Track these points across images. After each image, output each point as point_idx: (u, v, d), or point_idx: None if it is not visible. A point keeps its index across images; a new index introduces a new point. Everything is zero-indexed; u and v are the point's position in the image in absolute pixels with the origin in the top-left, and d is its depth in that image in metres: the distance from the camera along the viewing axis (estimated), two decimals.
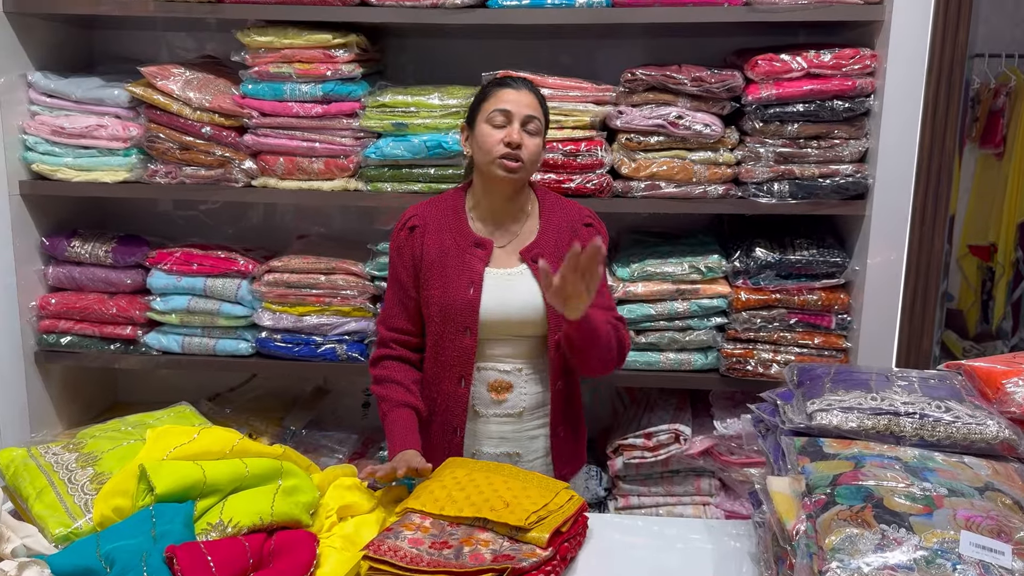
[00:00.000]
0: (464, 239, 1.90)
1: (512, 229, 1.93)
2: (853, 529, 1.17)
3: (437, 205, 1.96)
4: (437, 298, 1.89)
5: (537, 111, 1.87)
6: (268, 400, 2.79)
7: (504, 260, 1.91)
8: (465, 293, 1.87)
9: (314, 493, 1.58)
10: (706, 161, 2.33)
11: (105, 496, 1.47)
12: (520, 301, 1.88)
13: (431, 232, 1.91)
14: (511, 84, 1.88)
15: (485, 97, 1.88)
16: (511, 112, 1.83)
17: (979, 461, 1.36)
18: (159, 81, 2.38)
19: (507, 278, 1.90)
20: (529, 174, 1.90)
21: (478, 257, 1.89)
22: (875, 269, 2.30)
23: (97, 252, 2.54)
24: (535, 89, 1.91)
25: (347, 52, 2.35)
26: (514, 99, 1.85)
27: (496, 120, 1.83)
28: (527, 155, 1.84)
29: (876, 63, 2.25)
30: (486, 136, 1.84)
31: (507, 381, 1.92)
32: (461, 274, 1.88)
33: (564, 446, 2.00)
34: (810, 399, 1.50)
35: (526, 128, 1.84)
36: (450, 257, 1.89)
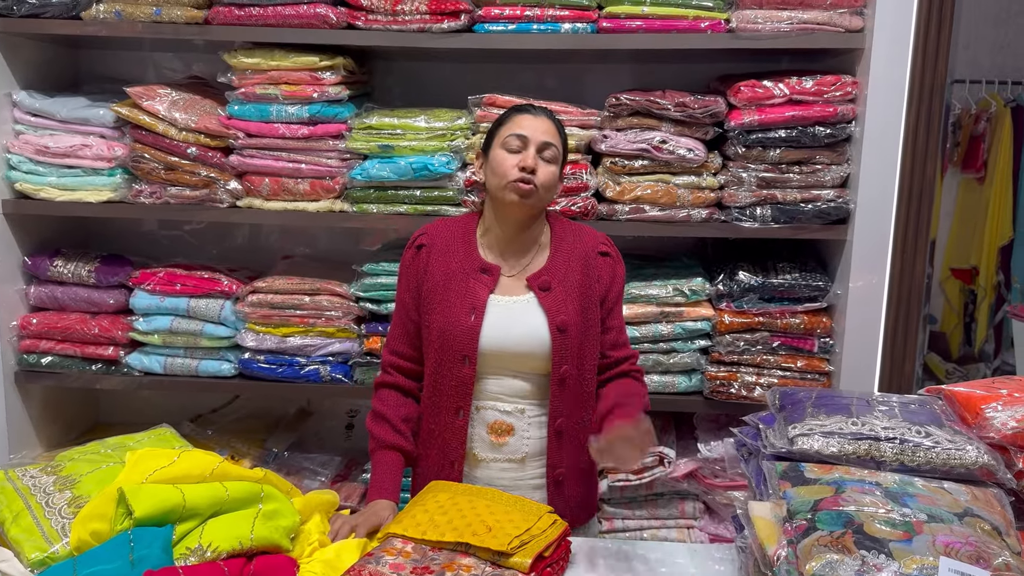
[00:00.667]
0: (470, 264, 1.83)
1: (523, 258, 1.85)
2: (833, 555, 1.17)
3: (449, 226, 1.89)
4: (437, 323, 1.81)
5: (555, 138, 1.81)
6: (251, 421, 2.77)
7: (511, 288, 1.83)
8: (466, 319, 1.78)
9: (295, 517, 1.56)
10: (690, 185, 2.35)
11: (83, 520, 1.45)
12: (523, 331, 1.79)
13: (438, 253, 1.84)
14: (530, 111, 1.83)
15: (502, 123, 1.83)
16: (527, 137, 1.77)
17: (958, 487, 1.36)
18: (145, 101, 2.38)
19: (511, 306, 1.81)
20: (543, 203, 1.82)
21: (483, 283, 1.81)
22: (857, 293, 2.31)
23: (80, 272, 2.53)
24: (554, 117, 1.85)
25: (334, 74, 2.36)
26: (531, 125, 1.79)
27: (512, 144, 1.78)
28: (541, 181, 1.77)
29: (857, 90, 2.28)
30: (500, 161, 1.78)
31: (507, 423, 1.82)
32: (463, 300, 1.80)
33: (568, 495, 1.85)
34: (792, 423, 1.51)
35: (542, 155, 1.78)
36: (454, 281, 1.81)
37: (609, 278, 1.86)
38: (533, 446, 1.83)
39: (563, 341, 1.78)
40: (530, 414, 1.82)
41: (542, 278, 1.82)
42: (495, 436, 1.82)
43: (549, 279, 1.81)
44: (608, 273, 1.86)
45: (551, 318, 1.78)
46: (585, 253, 1.85)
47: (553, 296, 1.80)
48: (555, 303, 1.80)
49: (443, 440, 1.84)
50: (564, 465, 1.85)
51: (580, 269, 1.83)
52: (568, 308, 1.80)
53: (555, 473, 1.84)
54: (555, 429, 1.82)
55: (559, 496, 1.84)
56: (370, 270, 2.45)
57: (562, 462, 1.84)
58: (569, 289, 1.81)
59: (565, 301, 1.80)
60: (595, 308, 1.84)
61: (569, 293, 1.81)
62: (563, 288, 1.81)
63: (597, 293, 1.84)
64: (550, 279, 1.81)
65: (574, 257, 1.84)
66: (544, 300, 1.80)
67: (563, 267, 1.83)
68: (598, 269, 1.85)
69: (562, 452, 1.84)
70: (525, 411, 1.82)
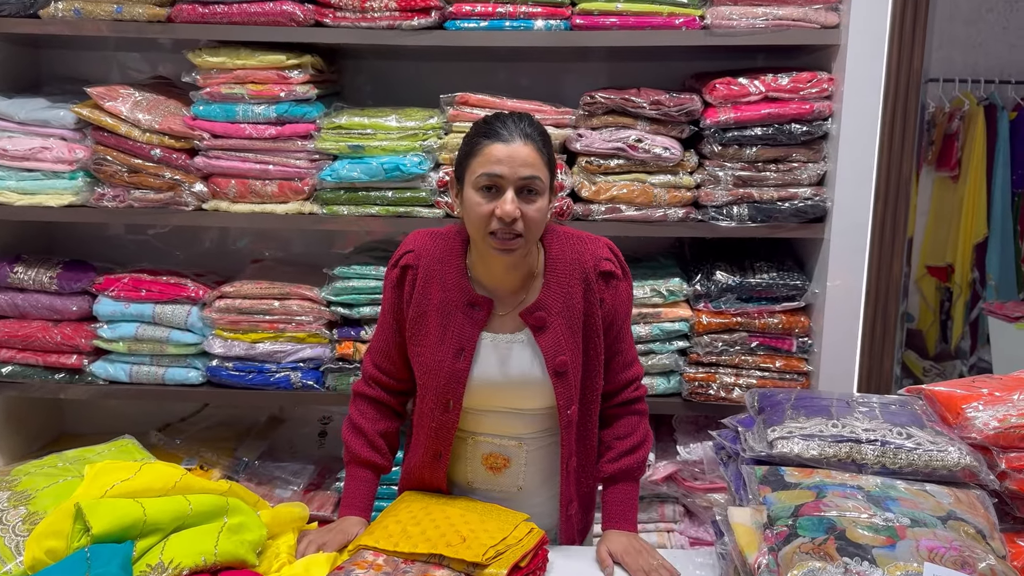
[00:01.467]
0: (459, 295, 1.61)
1: (515, 288, 1.63)
2: (815, 563, 1.14)
3: (437, 245, 1.64)
4: (423, 359, 1.63)
5: (537, 166, 1.50)
6: (220, 430, 2.71)
7: (504, 324, 1.63)
8: (453, 361, 1.60)
9: (262, 531, 1.51)
10: (666, 184, 2.32)
11: (38, 537, 1.39)
12: (516, 373, 1.61)
13: (424, 278, 1.62)
14: (501, 135, 1.50)
15: (472, 152, 1.53)
16: (503, 176, 1.48)
17: (941, 489, 1.34)
18: (107, 102, 2.31)
19: (505, 346, 1.62)
20: (533, 242, 1.57)
21: (473, 319, 1.60)
22: (835, 292, 2.29)
23: (41, 278, 2.45)
24: (534, 134, 1.52)
25: (302, 73, 2.30)
26: (506, 157, 1.48)
27: (483, 183, 1.49)
28: (527, 227, 1.50)
29: (833, 86, 2.26)
30: (474, 207, 1.51)
31: (504, 456, 1.69)
32: (452, 337, 1.60)
33: (575, 521, 1.76)
34: (771, 426, 1.48)
35: (522, 192, 1.50)
36: (441, 315, 1.61)
37: (612, 302, 1.64)
38: (532, 478, 1.72)
39: (564, 383, 1.62)
40: (528, 447, 1.70)
41: (536, 314, 1.60)
42: (492, 471, 1.71)
43: (544, 316, 1.60)
44: (611, 296, 1.63)
45: (548, 360, 1.60)
46: (585, 274, 1.61)
47: (551, 335, 1.60)
48: (552, 343, 1.60)
49: (424, 480, 1.75)
50: (575, 499, 1.74)
51: (580, 295, 1.61)
52: (566, 346, 1.61)
53: (568, 508, 1.73)
54: (567, 468, 1.69)
55: (568, 527, 1.75)
56: (341, 273, 2.40)
57: (574, 495, 1.73)
58: (569, 321, 1.61)
59: (562, 339, 1.60)
60: (598, 339, 1.64)
61: (568, 327, 1.61)
62: (562, 322, 1.60)
63: (600, 321, 1.63)
64: (545, 316, 1.60)
65: (573, 281, 1.61)
66: (540, 340, 1.60)
67: (561, 298, 1.60)
68: (598, 292, 1.62)
69: (571, 486, 1.72)
70: (523, 444, 1.70)
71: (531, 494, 1.74)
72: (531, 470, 1.72)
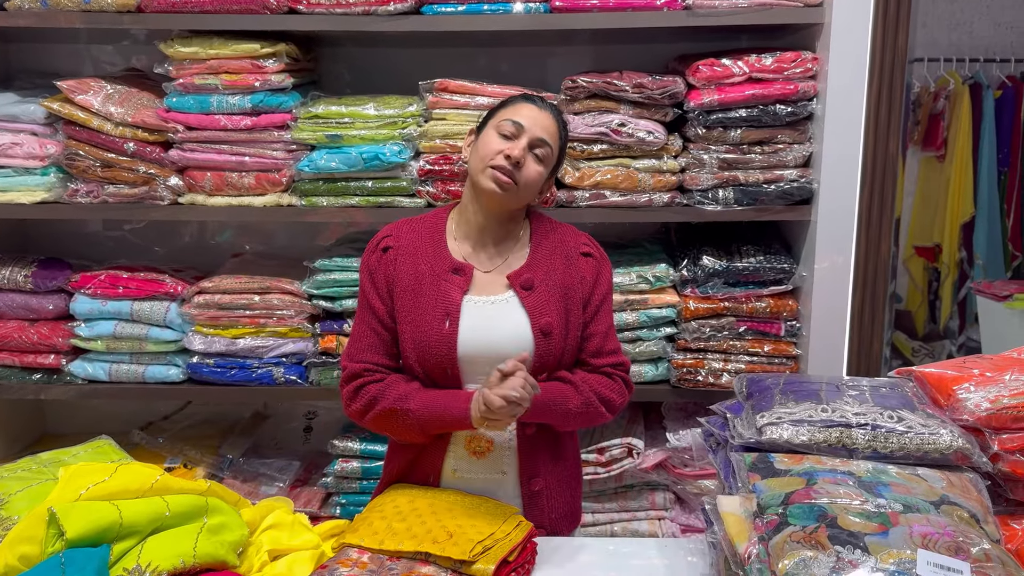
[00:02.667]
0: (441, 264, 1.68)
1: (498, 252, 1.71)
2: (807, 552, 1.11)
3: (415, 225, 1.74)
4: (410, 334, 1.65)
5: (552, 138, 1.67)
6: (204, 427, 2.67)
7: (487, 287, 1.68)
8: (440, 327, 1.63)
9: (243, 531, 1.47)
10: (650, 169, 2.28)
11: (10, 543, 1.35)
12: (503, 333, 1.64)
13: (405, 255, 1.69)
14: (536, 102, 1.69)
15: (504, 105, 1.70)
16: (524, 126, 1.64)
17: (933, 473, 1.32)
18: (78, 96, 2.26)
19: (489, 307, 1.67)
20: (519, 202, 1.69)
21: (455, 285, 1.66)
22: (823, 274, 2.27)
23: (15, 277, 2.40)
24: (559, 116, 1.72)
25: (276, 62, 2.25)
26: (532, 115, 1.66)
27: (505, 129, 1.64)
28: (523, 178, 1.63)
29: (818, 66, 2.23)
30: (488, 142, 1.64)
31: (487, 439, 1.69)
32: (436, 304, 1.64)
33: (547, 504, 1.73)
34: (760, 412, 1.45)
35: (533, 151, 1.64)
36: (424, 285, 1.66)
37: (593, 279, 1.72)
38: (514, 462, 1.70)
39: (546, 346, 1.65)
40: (510, 428, 1.68)
41: (524, 276, 1.68)
42: (475, 455, 1.69)
43: (532, 277, 1.68)
44: (592, 274, 1.72)
45: (534, 320, 1.65)
46: (567, 252, 1.72)
47: (536, 296, 1.67)
48: (538, 303, 1.66)
49: (419, 463, 1.71)
50: (540, 475, 1.71)
51: (562, 268, 1.70)
52: (551, 309, 1.66)
53: (530, 483, 1.71)
54: (523, 435, 1.69)
55: (536, 508, 1.72)
56: (322, 266, 2.36)
57: (538, 471, 1.71)
58: (552, 289, 1.68)
59: (548, 302, 1.67)
60: (577, 311, 1.70)
61: (552, 293, 1.67)
62: (546, 288, 1.68)
63: (580, 295, 1.70)
64: (532, 277, 1.68)
65: (556, 255, 1.71)
66: (526, 300, 1.66)
67: (545, 265, 1.70)
68: (581, 269, 1.71)
69: (537, 462, 1.71)
70: None
71: (503, 472, 1.71)
72: (513, 453, 1.70)
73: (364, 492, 2.43)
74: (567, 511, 1.79)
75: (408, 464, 1.73)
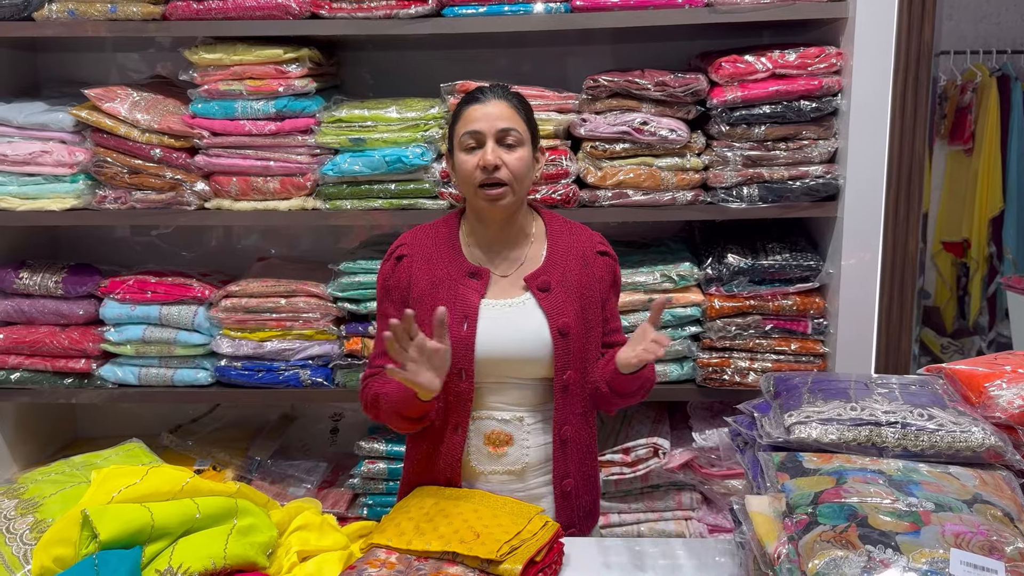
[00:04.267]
0: (457, 269, 1.70)
1: (513, 255, 1.73)
2: (837, 551, 1.10)
3: (429, 232, 1.76)
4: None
5: (513, 120, 1.65)
6: (232, 430, 2.69)
7: (504, 289, 1.70)
8: (457, 330, 1.65)
9: (272, 532, 1.49)
10: (673, 167, 2.27)
11: (45, 545, 1.38)
12: (522, 335, 1.66)
13: (420, 261, 1.71)
14: (479, 99, 1.67)
15: (455, 120, 1.69)
16: (481, 131, 1.63)
17: (965, 471, 1.30)
18: (105, 103, 2.29)
19: (507, 310, 1.68)
20: (521, 194, 1.68)
21: (473, 288, 1.68)
22: (850, 271, 2.25)
23: (47, 283, 2.44)
24: (509, 95, 1.68)
25: (300, 67, 2.27)
26: (482, 114, 1.64)
27: (467, 143, 1.64)
28: (509, 174, 1.63)
29: (842, 61, 2.20)
30: (461, 165, 1.65)
31: (506, 432, 1.70)
32: (453, 308, 1.65)
33: (575, 503, 1.76)
34: (788, 411, 1.44)
35: (503, 143, 1.64)
36: (442, 290, 1.68)
37: (610, 279, 1.76)
38: (534, 455, 1.71)
39: (565, 345, 1.67)
40: (528, 422, 1.71)
41: (541, 278, 1.69)
42: (493, 447, 1.70)
43: (548, 279, 1.69)
44: (609, 274, 1.76)
45: (552, 320, 1.67)
46: (583, 252, 1.74)
47: (553, 297, 1.68)
48: (555, 304, 1.68)
49: (438, 458, 1.73)
50: (572, 475, 1.74)
51: (578, 268, 1.71)
52: (568, 310, 1.68)
53: (563, 484, 1.73)
54: (560, 438, 1.72)
55: (567, 507, 1.74)
56: (347, 269, 2.37)
57: (569, 472, 1.74)
58: (569, 289, 1.69)
59: (565, 302, 1.68)
60: (596, 310, 1.72)
61: (569, 294, 1.69)
62: (563, 288, 1.69)
63: (598, 294, 1.73)
64: (549, 279, 1.69)
65: (572, 255, 1.72)
66: (544, 301, 1.68)
67: (561, 266, 1.71)
68: (599, 269, 1.74)
69: (568, 461, 1.73)
70: (523, 419, 1.71)
71: (534, 472, 1.73)
72: (533, 447, 1.71)
73: (391, 493, 2.44)
74: (590, 509, 1.81)
75: (427, 458, 1.74)
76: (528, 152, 1.68)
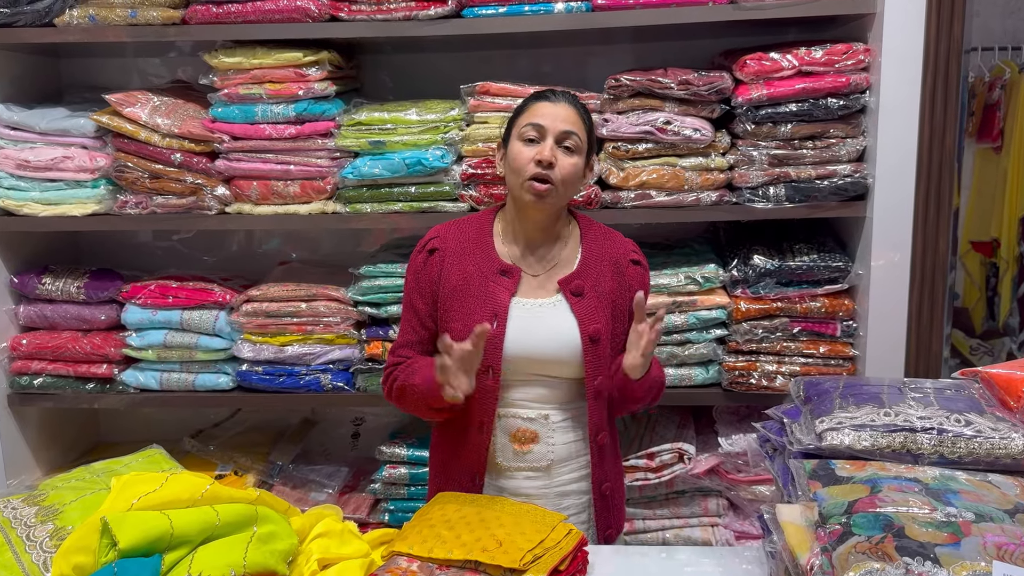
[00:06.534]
0: (489, 265, 1.71)
1: (546, 256, 1.74)
2: (873, 563, 1.06)
3: (462, 227, 1.77)
4: (457, 332, 1.65)
5: (577, 126, 1.67)
6: (253, 435, 2.69)
7: (535, 290, 1.72)
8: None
9: (292, 540, 1.47)
10: (697, 167, 2.24)
11: (65, 553, 1.37)
12: (550, 336, 1.68)
13: (452, 256, 1.72)
14: (549, 97, 1.70)
15: (520, 111, 1.71)
16: (545, 127, 1.65)
17: (1006, 479, 1.25)
18: (125, 108, 2.29)
19: (537, 309, 1.70)
20: (564, 199, 1.70)
21: (503, 286, 1.69)
22: (879, 272, 2.20)
23: (69, 288, 2.45)
24: (577, 103, 1.71)
25: (319, 70, 2.26)
26: (550, 112, 1.66)
27: (528, 135, 1.66)
28: (560, 176, 1.64)
29: (870, 58, 2.16)
30: (517, 154, 1.66)
31: (531, 430, 1.71)
32: (484, 305, 1.67)
33: (609, 505, 1.78)
34: (819, 417, 1.40)
35: (562, 145, 1.65)
36: (472, 286, 1.69)
37: (640, 289, 1.73)
38: (559, 452, 1.72)
39: (596, 352, 1.68)
40: (554, 419, 1.72)
41: (575, 282, 1.70)
42: (518, 444, 1.71)
43: (582, 284, 1.70)
44: (639, 283, 1.76)
45: (583, 326, 1.68)
46: (616, 259, 1.75)
47: (586, 303, 1.69)
48: (587, 310, 1.69)
49: (463, 454, 1.73)
50: (609, 478, 1.77)
51: (611, 276, 1.73)
52: (600, 317, 1.69)
53: (602, 488, 1.76)
54: (598, 444, 1.73)
55: (606, 510, 1.77)
56: (367, 272, 2.36)
57: (607, 476, 1.76)
58: (601, 296, 1.71)
59: (597, 309, 1.69)
60: (623, 319, 1.73)
61: (601, 300, 1.70)
62: (596, 295, 1.70)
63: (628, 303, 1.72)
64: (583, 284, 1.70)
65: (605, 262, 1.74)
66: (576, 306, 1.69)
67: (595, 272, 1.72)
68: (629, 278, 1.74)
69: (605, 465, 1.76)
70: (549, 417, 1.72)
71: (560, 470, 1.74)
72: (559, 444, 1.72)
73: (412, 498, 2.42)
74: (621, 510, 1.85)
75: (452, 454, 1.75)
76: (582, 161, 1.70)
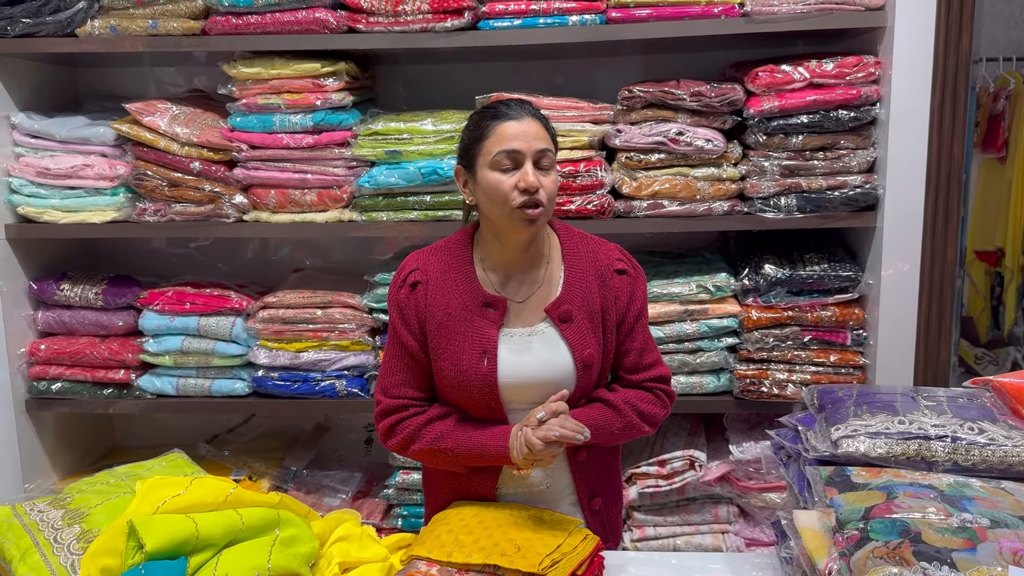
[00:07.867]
0: (472, 298, 1.62)
1: (530, 278, 1.65)
2: (891, 568, 1.08)
3: (440, 255, 1.67)
4: (449, 372, 1.62)
5: (547, 140, 1.58)
6: (268, 440, 2.71)
7: (523, 317, 1.64)
8: (478, 366, 1.60)
9: (314, 543, 1.49)
10: (709, 177, 2.26)
11: (92, 556, 1.39)
12: (543, 366, 1.61)
13: (435, 289, 1.63)
14: (511, 115, 1.57)
15: (483, 135, 1.58)
16: (521, 152, 1.54)
17: (1019, 486, 1.27)
18: (145, 117, 2.32)
19: (527, 339, 1.63)
20: (550, 215, 1.62)
21: (490, 319, 1.61)
22: (889, 281, 2.22)
23: (87, 294, 2.47)
24: (537, 113, 1.61)
25: (336, 80, 2.29)
26: (519, 133, 1.55)
27: (504, 164, 1.55)
28: (547, 196, 1.55)
29: (880, 70, 2.19)
30: (495, 185, 1.55)
31: None
32: (472, 342, 1.60)
33: (602, 521, 1.75)
34: (834, 424, 1.42)
35: (540, 165, 1.56)
36: (458, 322, 1.61)
37: (627, 298, 1.67)
38: (559, 477, 1.70)
39: (587, 376, 1.63)
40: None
41: (562, 307, 1.62)
42: (518, 469, 1.64)
43: (570, 308, 1.63)
44: (626, 293, 1.67)
45: (576, 352, 1.62)
46: (600, 270, 1.66)
47: (575, 327, 1.63)
48: (578, 335, 1.63)
49: (466, 482, 1.70)
50: (599, 493, 1.74)
51: (596, 289, 1.65)
52: (591, 340, 1.63)
53: (591, 504, 1.73)
54: (576, 462, 1.70)
55: (598, 524, 1.74)
56: (382, 280, 2.38)
57: (596, 491, 1.74)
58: (592, 316, 1.64)
59: (588, 332, 1.63)
60: (611, 332, 1.66)
61: (592, 321, 1.64)
62: (585, 316, 1.63)
63: (613, 315, 1.66)
64: (571, 308, 1.63)
65: (589, 276, 1.65)
66: (566, 332, 1.62)
67: (581, 291, 1.64)
68: (615, 289, 1.65)
69: (588, 481, 1.72)
70: None
71: (559, 494, 1.71)
72: (556, 469, 1.69)
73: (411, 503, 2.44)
74: (616, 525, 1.81)
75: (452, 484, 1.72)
76: (557, 175, 1.66)
